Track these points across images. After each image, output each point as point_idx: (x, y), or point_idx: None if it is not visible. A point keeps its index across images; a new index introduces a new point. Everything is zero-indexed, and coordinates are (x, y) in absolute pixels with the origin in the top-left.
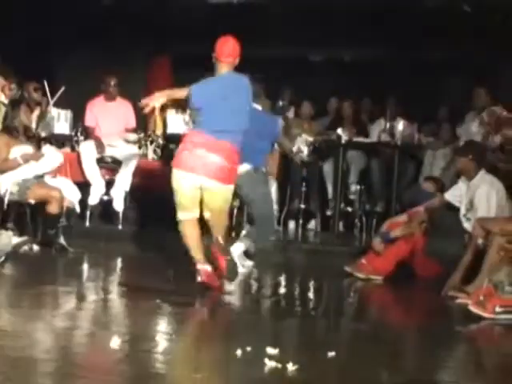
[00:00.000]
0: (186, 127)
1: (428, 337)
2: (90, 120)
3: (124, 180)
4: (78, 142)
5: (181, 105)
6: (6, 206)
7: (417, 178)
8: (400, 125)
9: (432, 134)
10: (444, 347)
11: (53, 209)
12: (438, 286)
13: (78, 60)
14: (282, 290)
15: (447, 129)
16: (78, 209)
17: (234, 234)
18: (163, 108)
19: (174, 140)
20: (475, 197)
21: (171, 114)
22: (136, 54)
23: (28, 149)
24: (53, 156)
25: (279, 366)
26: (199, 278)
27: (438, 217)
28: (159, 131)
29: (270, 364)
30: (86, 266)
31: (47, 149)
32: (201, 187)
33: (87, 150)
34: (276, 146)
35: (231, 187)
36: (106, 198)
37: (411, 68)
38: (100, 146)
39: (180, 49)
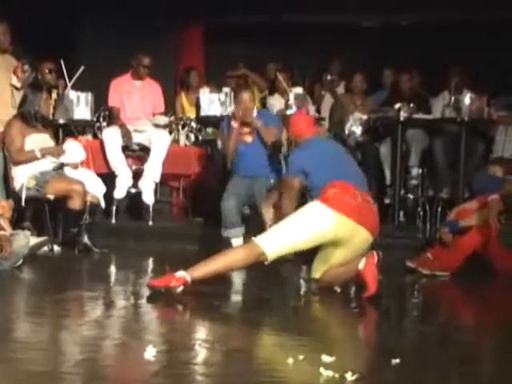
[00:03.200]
0: (222, 108)
1: (506, 340)
2: (114, 100)
3: (153, 170)
4: (100, 129)
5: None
6: (23, 203)
7: (487, 158)
8: (467, 98)
9: (505, 106)
10: None
11: (75, 204)
12: None
13: (100, 35)
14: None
15: None
16: (102, 204)
17: None
18: None
19: (208, 123)
20: None
21: (205, 94)
22: (166, 27)
23: (44, 138)
24: (74, 152)
25: (336, 375)
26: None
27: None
28: (192, 114)
29: (325, 374)
30: (113, 268)
31: (70, 144)
32: None
33: (111, 137)
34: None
35: None
36: (133, 190)
37: (479, 32)
38: (126, 132)
39: (213, 20)
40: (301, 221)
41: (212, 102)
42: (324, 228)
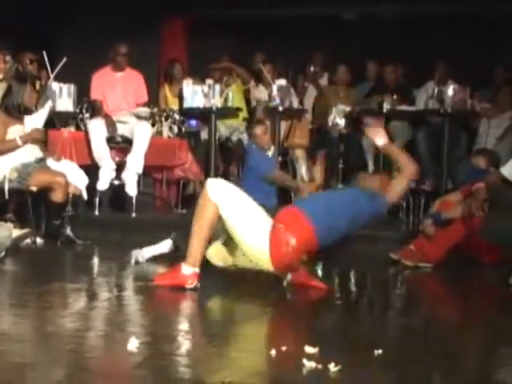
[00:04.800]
0: (205, 100)
1: (489, 333)
2: (96, 93)
3: (136, 161)
4: (83, 120)
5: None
6: (7, 195)
7: (470, 150)
8: (450, 89)
9: (488, 99)
10: (508, 344)
11: (57, 196)
12: (502, 273)
13: (82, 27)
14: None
15: (506, 93)
16: (85, 196)
17: None
18: None
19: (192, 115)
20: None
21: (188, 86)
22: (148, 19)
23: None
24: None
25: (319, 366)
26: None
27: (496, 193)
28: (175, 105)
29: (308, 365)
30: (96, 260)
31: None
32: None
33: (97, 129)
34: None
35: None
36: (116, 182)
37: (464, 25)
38: (111, 122)
39: (196, 13)
40: (249, 220)
41: (195, 94)
42: (252, 242)
